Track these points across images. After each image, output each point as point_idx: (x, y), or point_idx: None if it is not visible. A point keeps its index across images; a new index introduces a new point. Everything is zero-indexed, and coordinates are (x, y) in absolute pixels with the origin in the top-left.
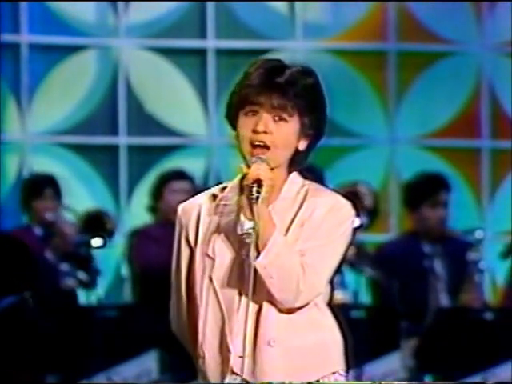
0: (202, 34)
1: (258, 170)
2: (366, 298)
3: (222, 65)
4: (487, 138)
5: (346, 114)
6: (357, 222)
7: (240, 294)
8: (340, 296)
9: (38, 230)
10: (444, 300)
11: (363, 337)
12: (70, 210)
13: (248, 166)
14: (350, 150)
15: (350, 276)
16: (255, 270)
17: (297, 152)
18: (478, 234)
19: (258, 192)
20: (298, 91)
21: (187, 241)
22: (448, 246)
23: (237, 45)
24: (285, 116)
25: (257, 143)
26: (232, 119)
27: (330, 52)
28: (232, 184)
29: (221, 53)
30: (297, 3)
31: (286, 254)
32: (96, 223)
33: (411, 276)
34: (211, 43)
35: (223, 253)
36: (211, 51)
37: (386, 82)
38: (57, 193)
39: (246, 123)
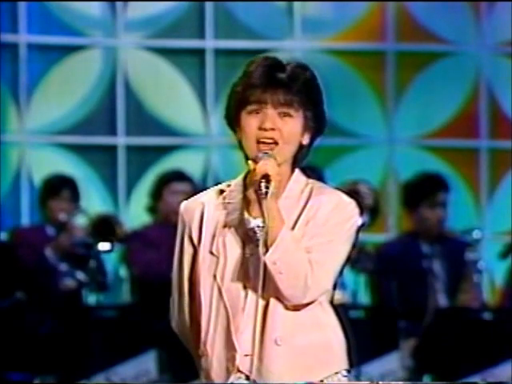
0: (201, 34)
1: (266, 165)
2: (364, 298)
3: (221, 65)
4: (486, 138)
5: (345, 113)
6: (358, 221)
7: (245, 292)
8: (339, 296)
9: (50, 230)
10: (442, 300)
11: (362, 337)
12: (85, 214)
13: (255, 162)
14: (349, 150)
15: (348, 276)
16: (264, 266)
17: (300, 147)
18: (477, 234)
19: (267, 187)
20: (300, 86)
21: (190, 239)
22: (446, 246)
23: (235, 45)
24: (290, 111)
25: (264, 140)
26: (232, 119)
27: (329, 52)
28: (235, 182)
29: (219, 53)
30: (295, 3)
31: (294, 250)
32: (106, 228)
33: (410, 276)
34: (210, 43)
35: (227, 251)
36: (210, 51)
37: (385, 82)
38: (74, 195)
39: (250, 121)
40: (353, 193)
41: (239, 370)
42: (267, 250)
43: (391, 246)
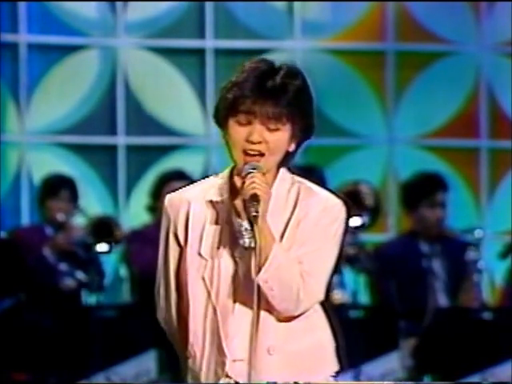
0: (201, 34)
1: (254, 183)
2: (364, 297)
3: (221, 64)
4: (486, 137)
5: (345, 113)
6: (358, 221)
7: (234, 296)
8: (339, 296)
9: (48, 230)
10: (442, 300)
11: (362, 337)
12: (83, 214)
13: (242, 177)
14: (349, 150)
15: (348, 276)
16: (258, 284)
17: (287, 153)
18: (477, 234)
19: (257, 211)
20: (290, 98)
21: (176, 237)
22: (446, 246)
23: (235, 45)
24: (279, 125)
25: (250, 152)
26: (220, 123)
27: (329, 52)
28: (221, 179)
29: (219, 52)
30: (295, 3)
31: (286, 266)
32: (104, 229)
33: (410, 276)
34: (210, 43)
35: (216, 253)
36: (210, 51)
37: (385, 82)
38: (73, 195)
39: (238, 131)
40: (353, 193)
41: (228, 376)
42: (259, 268)
43: (391, 245)
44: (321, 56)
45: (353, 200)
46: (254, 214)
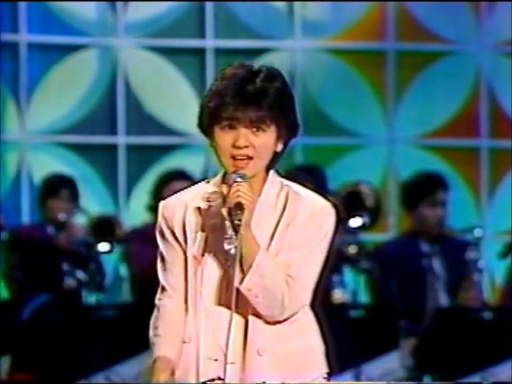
0: (201, 34)
1: (238, 192)
2: (364, 297)
3: (221, 64)
4: (486, 137)
5: (345, 113)
6: (358, 221)
7: (227, 299)
8: (339, 295)
9: (49, 229)
10: (443, 299)
11: (362, 336)
12: (85, 213)
13: (228, 185)
14: (349, 150)
15: (348, 276)
16: (239, 290)
17: (275, 154)
18: (478, 233)
19: (240, 220)
20: (272, 101)
21: (171, 239)
22: (447, 246)
23: (235, 44)
24: (263, 127)
25: (238, 157)
26: (205, 131)
27: (329, 51)
28: (214, 183)
29: (219, 52)
30: (296, 3)
31: (270, 274)
32: (106, 228)
33: (410, 275)
34: (210, 43)
35: (209, 255)
36: (210, 51)
37: (385, 82)
38: (73, 194)
39: (223, 137)
40: (354, 194)
41: (220, 378)
42: (243, 272)
43: (391, 245)
44: (321, 56)
45: (353, 201)
46: (237, 222)
